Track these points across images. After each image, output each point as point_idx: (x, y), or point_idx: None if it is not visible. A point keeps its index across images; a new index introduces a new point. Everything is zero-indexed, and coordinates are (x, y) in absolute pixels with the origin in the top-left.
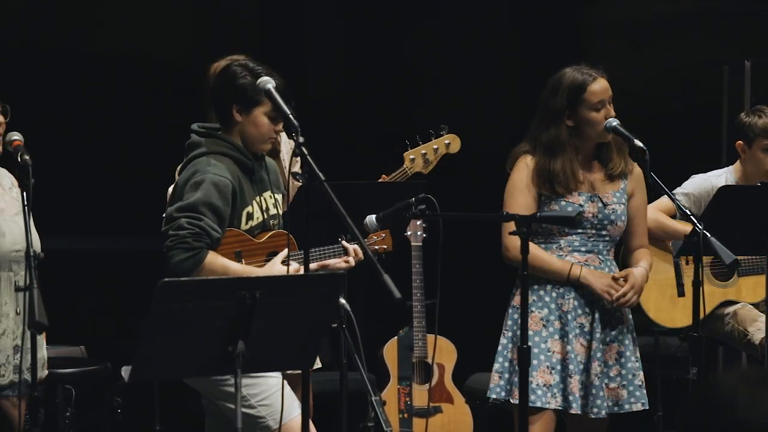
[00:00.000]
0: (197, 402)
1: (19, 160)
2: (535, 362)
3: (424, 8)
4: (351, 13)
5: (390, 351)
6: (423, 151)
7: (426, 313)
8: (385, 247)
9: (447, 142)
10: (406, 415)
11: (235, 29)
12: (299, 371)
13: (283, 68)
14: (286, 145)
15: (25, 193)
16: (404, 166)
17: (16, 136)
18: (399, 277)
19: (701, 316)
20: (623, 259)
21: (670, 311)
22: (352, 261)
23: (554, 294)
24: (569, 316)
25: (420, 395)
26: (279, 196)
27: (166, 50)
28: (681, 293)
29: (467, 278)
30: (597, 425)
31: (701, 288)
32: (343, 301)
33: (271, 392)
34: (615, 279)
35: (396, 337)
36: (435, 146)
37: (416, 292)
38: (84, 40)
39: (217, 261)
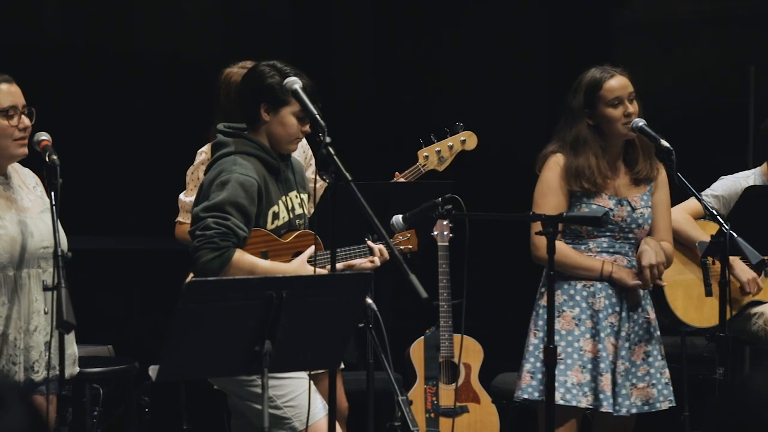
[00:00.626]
0: (224, 401)
1: (47, 160)
2: (569, 361)
3: (453, 8)
4: (379, 14)
5: (416, 351)
6: (437, 149)
7: (452, 312)
8: (411, 247)
9: (463, 139)
10: (432, 415)
11: (264, 30)
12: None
13: (310, 69)
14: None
15: (53, 193)
16: (417, 163)
17: (44, 137)
18: (425, 276)
19: (728, 316)
20: None
21: (697, 311)
22: (377, 261)
23: (585, 293)
24: (600, 315)
25: (446, 395)
26: (305, 196)
27: (195, 51)
28: (708, 293)
29: (494, 278)
30: (625, 423)
31: (728, 288)
32: (369, 301)
33: (297, 393)
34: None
35: (422, 337)
36: (450, 143)
37: (443, 292)
38: (113, 41)
39: (244, 259)
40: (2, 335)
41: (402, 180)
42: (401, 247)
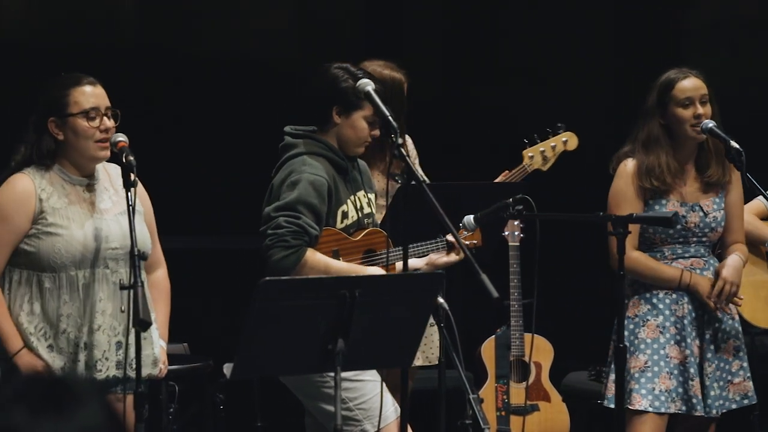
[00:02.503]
0: (298, 399)
1: (124, 160)
2: (656, 368)
3: (522, 8)
4: (450, 13)
5: (487, 349)
6: (542, 149)
7: (523, 312)
8: (475, 242)
9: (564, 139)
10: (503, 413)
11: (336, 32)
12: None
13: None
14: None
15: (129, 193)
16: (523, 163)
17: (121, 138)
18: (496, 276)
19: None
20: (719, 256)
21: (765, 312)
22: (462, 254)
23: (668, 300)
24: (685, 321)
25: (517, 393)
26: (372, 196)
27: (269, 53)
28: None
29: (564, 278)
30: (707, 423)
31: None
32: (441, 300)
33: (369, 396)
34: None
35: (493, 336)
36: (553, 144)
37: (513, 292)
38: (188, 42)
39: (317, 258)
40: (64, 333)
41: (503, 180)
42: (467, 243)
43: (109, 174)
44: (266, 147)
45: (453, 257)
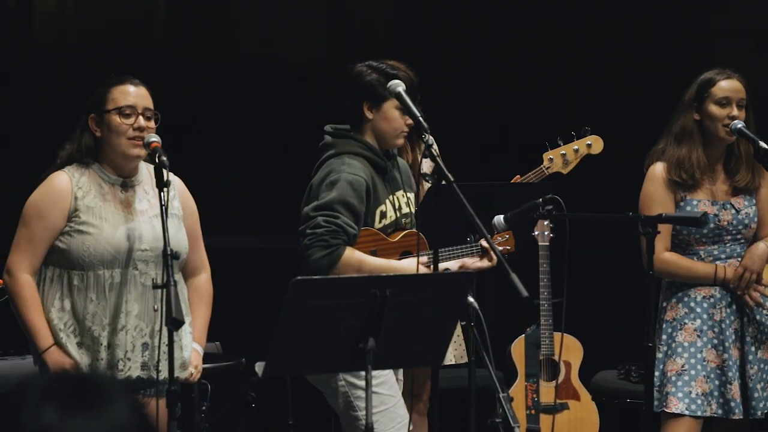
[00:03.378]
0: None
1: (157, 161)
2: (692, 372)
3: (554, 8)
4: (482, 14)
5: (517, 348)
6: (563, 152)
7: (553, 311)
8: (509, 248)
9: (589, 143)
10: (533, 412)
11: (369, 33)
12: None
13: (415, 69)
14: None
15: (161, 193)
16: (542, 165)
17: (154, 138)
18: (526, 276)
19: None
20: None
21: None
22: (495, 260)
23: (705, 305)
24: (723, 325)
25: (547, 392)
26: (411, 195)
27: (302, 54)
28: None
29: (593, 277)
30: (744, 424)
31: None
32: (471, 299)
33: (386, 407)
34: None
35: (523, 335)
36: (575, 147)
37: (543, 291)
38: (222, 44)
39: (353, 256)
40: (89, 331)
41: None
42: (500, 248)
43: (152, 176)
44: (304, 147)
45: (486, 263)
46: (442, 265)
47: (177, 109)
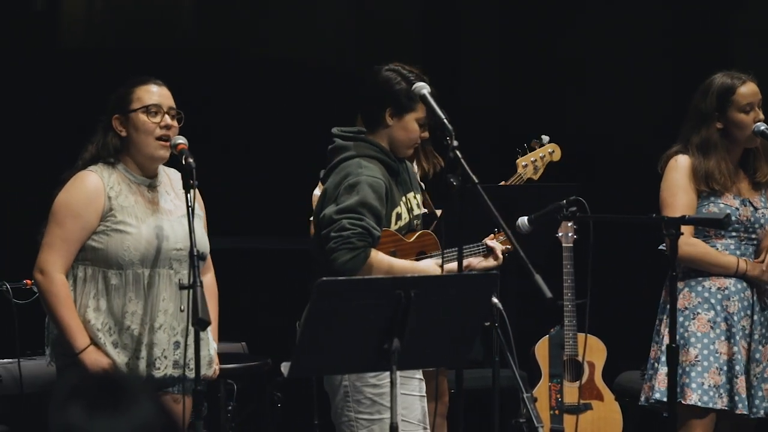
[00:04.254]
0: None
1: (183, 162)
2: (705, 363)
3: (576, 12)
4: (506, 18)
5: (541, 349)
6: (533, 158)
7: (576, 312)
8: (508, 247)
9: (551, 150)
10: (557, 412)
11: (394, 37)
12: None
13: (440, 75)
14: None
15: (188, 195)
16: (519, 172)
17: (180, 140)
18: (550, 277)
19: None
20: None
21: None
22: (500, 259)
23: (719, 296)
24: (735, 318)
25: (571, 392)
26: (419, 196)
27: (328, 57)
28: None
29: (617, 278)
30: (749, 422)
31: None
32: (495, 300)
33: (380, 416)
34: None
35: (547, 336)
36: (542, 154)
37: (567, 292)
38: (247, 47)
39: (380, 258)
40: (128, 330)
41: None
42: (501, 247)
43: (170, 178)
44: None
45: (491, 262)
46: (447, 266)
47: (199, 110)
